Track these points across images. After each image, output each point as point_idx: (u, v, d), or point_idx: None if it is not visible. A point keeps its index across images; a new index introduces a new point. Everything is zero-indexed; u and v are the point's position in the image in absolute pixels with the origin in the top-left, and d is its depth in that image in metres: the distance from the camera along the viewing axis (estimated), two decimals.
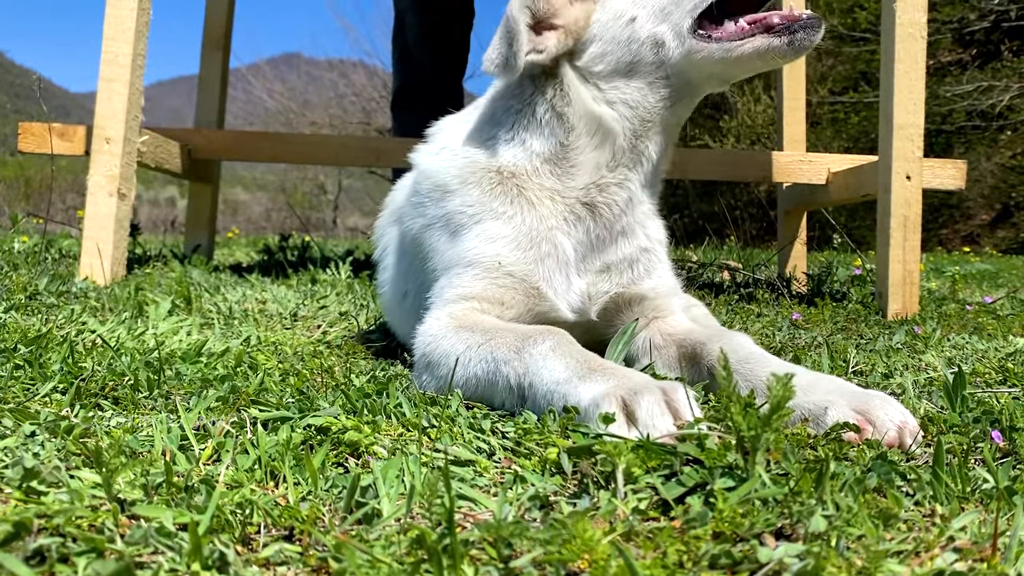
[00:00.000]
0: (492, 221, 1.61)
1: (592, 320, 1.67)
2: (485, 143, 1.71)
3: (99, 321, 1.98)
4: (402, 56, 3.75)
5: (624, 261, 1.69)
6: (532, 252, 1.59)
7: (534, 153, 1.65)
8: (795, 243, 4.17)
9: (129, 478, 0.84)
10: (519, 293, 1.58)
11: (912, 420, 1.15)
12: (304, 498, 0.87)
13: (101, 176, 2.91)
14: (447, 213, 1.67)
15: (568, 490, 0.92)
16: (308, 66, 39.69)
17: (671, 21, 1.58)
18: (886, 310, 2.82)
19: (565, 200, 1.63)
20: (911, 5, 2.81)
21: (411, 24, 3.64)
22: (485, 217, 1.62)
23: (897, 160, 2.82)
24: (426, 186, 1.74)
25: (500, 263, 1.58)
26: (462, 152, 1.71)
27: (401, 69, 3.78)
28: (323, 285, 3.22)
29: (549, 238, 1.61)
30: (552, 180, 1.64)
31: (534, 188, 1.63)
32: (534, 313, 1.60)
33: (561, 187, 1.63)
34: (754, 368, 1.35)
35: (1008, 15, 17.99)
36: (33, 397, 1.24)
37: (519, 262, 1.58)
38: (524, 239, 1.60)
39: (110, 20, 2.91)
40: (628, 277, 1.69)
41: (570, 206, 1.63)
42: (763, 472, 0.86)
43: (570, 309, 1.62)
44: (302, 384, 1.42)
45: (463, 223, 1.63)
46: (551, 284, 1.60)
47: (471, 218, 1.63)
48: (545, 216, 1.62)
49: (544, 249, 1.60)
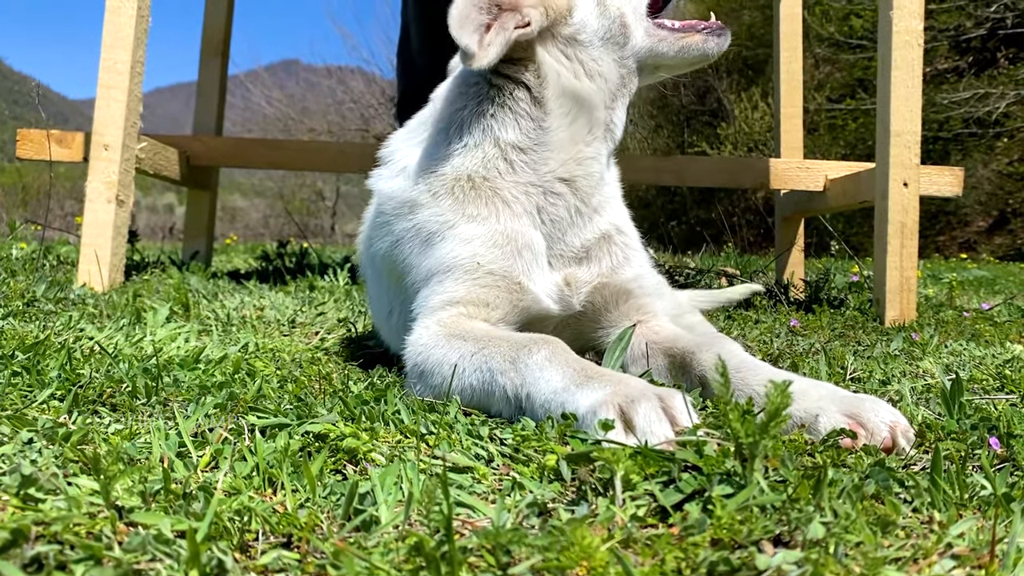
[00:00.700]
0: (466, 224, 1.60)
1: (578, 313, 1.67)
2: (451, 153, 1.69)
3: (97, 328, 1.98)
4: (406, 65, 3.80)
5: (602, 240, 1.71)
6: (509, 247, 1.59)
7: (509, 146, 1.65)
8: (793, 250, 4.18)
9: (127, 485, 0.84)
10: (502, 290, 1.57)
11: (903, 420, 1.15)
12: (302, 505, 0.87)
13: (99, 183, 2.91)
14: (416, 225, 1.65)
15: (566, 497, 0.92)
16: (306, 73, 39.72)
17: (632, 3, 1.74)
18: (884, 317, 2.82)
19: (543, 182, 1.65)
20: (907, 13, 2.82)
21: (415, 34, 3.67)
22: (459, 222, 1.61)
23: (894, 167, 2.82)
24: (390, 206, 1.73)
25: (479, 263, 1.57)
26: (427, 168, 1.69)
27: (405, 77, 3.82)
28: (321, 292, 3.23)
29: (524, 232, 1.61)
30: (527, 172, 1.64)
31: (508, 186, 1.64)
32: (519, 309, 1.59)
33: (536, 177, 1.65)
34: (746, 376, 1.35)
35: (1004, 23, 18.05)
36: (31, 404, 1.24)
37: (498, 259, 1.58)
38: (500, 236, 1.59)
39: (109, 27, 2.91)
40: (607, 264, 1.70)
41: (547, 187, 1.65)
42: (761, 479, 0.86)
43: (553, 300, 1.63)
44: (300, 391, 1.42)
45: (435, 231, 1.62)
46: (531, 277, 1.60)
47: (443, 224, 1.62)
48: (519, 213, 1.63)
49: (521, 241, 1.60)
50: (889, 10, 2.83)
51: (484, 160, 1.65)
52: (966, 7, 18.32)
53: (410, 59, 3.77)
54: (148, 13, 3.02)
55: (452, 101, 1.76)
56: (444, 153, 1.71)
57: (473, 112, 1.70)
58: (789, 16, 4.22)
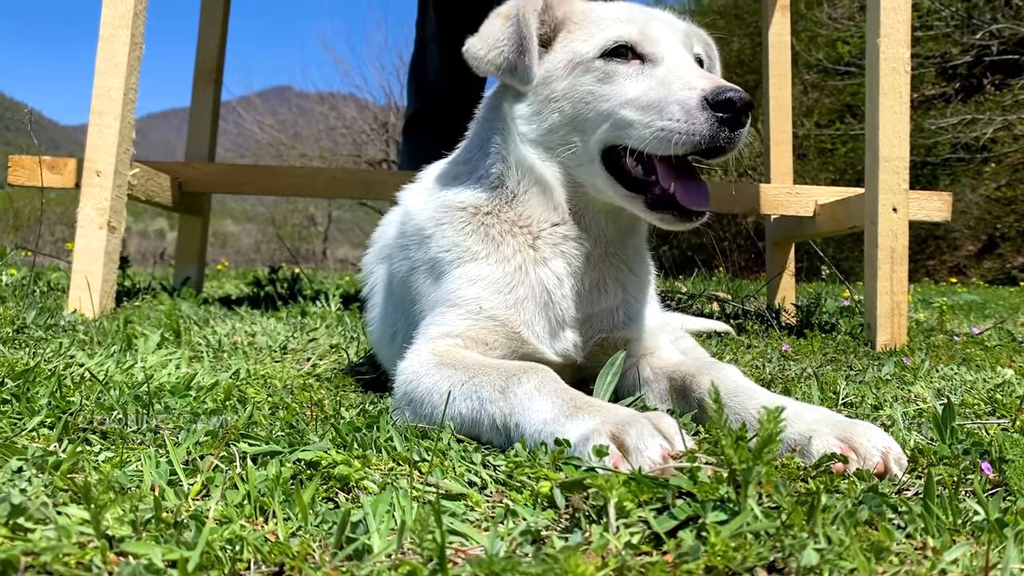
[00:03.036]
0: (470, 263, 1.61)
1: (579, 362, 1.67)
2: (455, 178, 1.72)
3: (87, 354, 1.97)
4: (420, 82, 3.78)
5: (603, 312, 1.67)
6: (510, 296, 1.59)
7: (495, 187, 1.66)
8: (783, 274, 4.19)
9: (117, 514, 0.83)
10: (501, 336, 1.58)
11: (896, 447, 1.16)
12: (294, 533, 0.86)
13: (91, 209, 2.90)
14: (430, 257, 1.67)
15: (560, 524, 0.92)
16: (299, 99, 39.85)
17: (585, 135, 1.58)
18: (875, 341, 2.83)
19: (529, 235, 1.63)
20: (894, 41, 2.85)
21: (433, 51, 3.66)
22: (464, 259, 1.62)
23: (883, 192, 2.84)
24: (409, 228, 1.75)
25: (481, 307, 1.58)
26: (437, 192, 1.72)
27: (419, 95, 3.81)
28: (313, 318, 3.22)
29: (521, 280, 1.60)
30: (509, 212, 1.64)
31: (494, 223, 1.63)
32: (519, 354, 1.59)
33: (518, 218, 1.64)
34: (743, 401, 1.37)
35: (990, 49, 18.28)
36: (20, 432, 1.23)
37: (499, 306, 1.58)
38: (502, 283, 1.59)
39: (103, 54, 2.92)
40: (610, 324, 1.68)
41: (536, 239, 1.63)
42: (755, 505, 0.85)
43: (555, 353, 1.62)
44: (291, 418, 1.41)
45: (444, 268, 1.64)
46: (532, 329, 1.60)
47: (451, 263, 1.63)
48: (510, 256, 1.61)
49: (521, 293, 1.59)
50: (876, 38, 2.86)
51: (476, 191, 1.67)
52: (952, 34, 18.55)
53: (424, 78, 3.75)
54: (142, 41, 3.03)
55: (481, 116, 1.78)
56: (451, 177, 1.73)
57: (484, 136, 1.72)
58: (777, 43, 4.26)
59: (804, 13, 18.92)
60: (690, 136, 1.42)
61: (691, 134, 1.42)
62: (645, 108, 1.48)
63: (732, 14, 21.95)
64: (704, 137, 1.42)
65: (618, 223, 1.67)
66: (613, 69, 1.54)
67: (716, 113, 1.41)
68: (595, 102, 1.54)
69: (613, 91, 1.53)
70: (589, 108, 1.55)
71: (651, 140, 1.45)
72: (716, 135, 1.41)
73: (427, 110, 3.71)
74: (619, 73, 1.54)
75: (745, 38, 20.15)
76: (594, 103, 1.54)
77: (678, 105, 1.43)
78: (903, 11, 2.87)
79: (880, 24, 2.85)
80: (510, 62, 1.58)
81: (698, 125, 1.42)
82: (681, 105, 1.43)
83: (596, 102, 1.54)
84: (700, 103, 1.42)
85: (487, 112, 1.76)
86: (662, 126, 1.44)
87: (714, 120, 1.41)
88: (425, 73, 3.72)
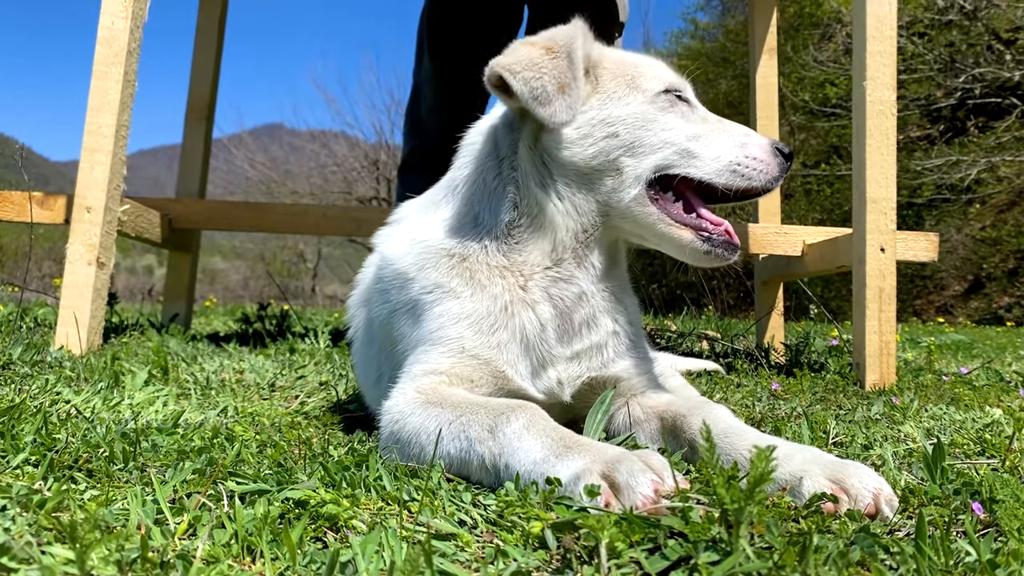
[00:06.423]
0: (452, 301, 1.60)
1: (566, 401, 1.66)
2: (438, 223, 1.71)
3: (74, 391, 1.96)
4: (414, 124, 3.85)
5: (592, 348, 1.66)
6: (492, 338, 1.58)
7: (484, 229, 1.65)
8: (772, 313, 4.21)
9: (103, 554, 0.82)
10: (486, 374, 1.57)
11: (887, 488, 1.16)
12: (282, 574, 0.85)
13: (80, 245, 2.90)
14: (410, 299, 1.66)
15: (551, 565, 0.91)
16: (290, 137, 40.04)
17: (638, 159, 1.61)
18: (864, 381, 2.83)
19: (520, 276, 1.63)
20: (880, 84, 2.90)
21: (427, 94, 3.73)
22: (445, 298, 1.61)
23: (871, 233, 2.87)
24: (388, 272, 1.73)
25: (464, 347, 1.57)
26: (419, 236, 1.71)
27: (413, 136, 3.87)
28: (302, 355, 3.21)
29: (505, 323, 1.59)
30: (499, 257, 1.64)
31: (482, 268, 1.62)
32: (505, 391, 1.58)
33: (509, 264, 1.63)
34: (733, 441, 1.36)
35: (973, 92, 18.58)
36: (4, 469, 1.22)
37: (482, 347, 1.57)
38: (484, 323, 1.59)
39: (95, 91, 2.94)
40: (599, 361, 1.67)
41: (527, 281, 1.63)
42: (747, 545, 0.85)
43: (540, 392, 1.62)
44: (280, 456, 1.40)
45: (426, 308, 1.63)
46: (516, 369, 1.59)
47: (432, 302, 1.62)
48: (497, 295, 1.60)
49: (504, 337, 1.59)
50: (863, 81, 2.90)
51: (461, 237, 1.66)
52: (936, 77, 18.87)
53: (419, 119, 3.82)
54: (135, 78, 3.05)
55: (466, 160, 1.77)
56: (433, 221, 1.72)
57: (468, 181, 1.72)
58: (765, 85, 4.32)
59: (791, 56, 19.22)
60: (767, 175, 1.64)
61: (767, 172, 1.64)
62: (709, 144, 1.63)
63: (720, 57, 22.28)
64: (774, 177, 1.65)
65: (608, 255, 1.69)
66: (674, 105, 1.65)
67: (781, 160, 1.66)
68: (657, 130, 1.62)
69: (677, 123, 1.63)
70: (650, 134, 1.61)
71: (725, 172, 1.62)
72: (779, 177, 1.66)
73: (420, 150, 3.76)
74: (679, 110, 1.66)
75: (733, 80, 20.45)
76: (656, 131, 1.62)
77: (758, 147, 1.65)
78: (888, 55, 2.92)
79: (866, 67, 2.90)
80: (547, 93, 1.56)
81: (772, 167, 1.65)
82: (761, 147, 1.65)
83: (659, 131, 1.62)
84: (773, 149, 1.66)
85: (487, 147, 1.73)
86: (740, 162, 1.62)
87: (785, 165, 1.67)
88: (419, 115, 3.79)
